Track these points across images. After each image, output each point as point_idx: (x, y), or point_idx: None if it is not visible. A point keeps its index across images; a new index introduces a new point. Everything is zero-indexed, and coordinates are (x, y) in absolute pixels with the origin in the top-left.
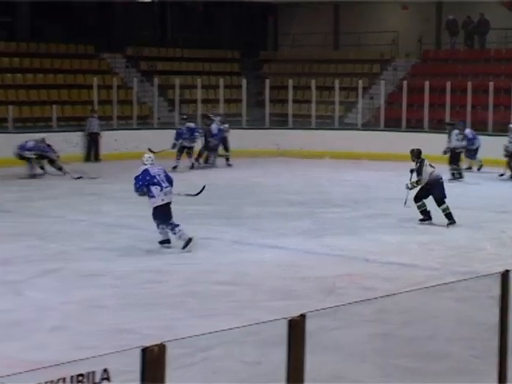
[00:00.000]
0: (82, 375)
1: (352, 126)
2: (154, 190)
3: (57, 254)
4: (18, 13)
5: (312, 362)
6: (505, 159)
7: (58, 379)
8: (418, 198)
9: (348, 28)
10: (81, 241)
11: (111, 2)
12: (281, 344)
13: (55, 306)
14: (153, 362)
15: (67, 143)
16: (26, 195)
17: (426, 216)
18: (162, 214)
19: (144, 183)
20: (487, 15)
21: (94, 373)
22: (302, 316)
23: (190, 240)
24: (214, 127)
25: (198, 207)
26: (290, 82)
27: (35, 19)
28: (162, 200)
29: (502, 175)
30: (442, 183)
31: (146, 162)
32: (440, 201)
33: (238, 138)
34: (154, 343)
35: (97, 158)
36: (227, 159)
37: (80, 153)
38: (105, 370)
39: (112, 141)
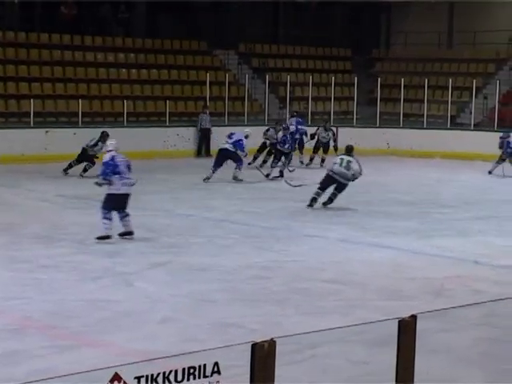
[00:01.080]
0: (193, 368)
1: (464, 127)
2: (114, 178)
3: (166, 247)
4: (134, 10)
5: (419, 364)
6: None
7: (170, 371)
8: None
9: (462, 26)
10: (190, 235)
11: None
12: (388, 344)
13: (165, 298)
14: (263, 357)
15: (180, 138)
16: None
17: None
18: (113, 203)
19: (111, 170)
20: None
21: (205, 366)
22: (413, 317)
23: (130, 233)
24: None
25: (302, 204)
26: (402, 81)
27: (151, 16)
28: (118, 190)
29: None
30: None
31: (111, 148)
32: None
33: (348, 136)
34: (263, 339)
35: (208, 153)
36: (322, 160)
37: (192, 148)
38: (215, 364)
39: (223, 137)
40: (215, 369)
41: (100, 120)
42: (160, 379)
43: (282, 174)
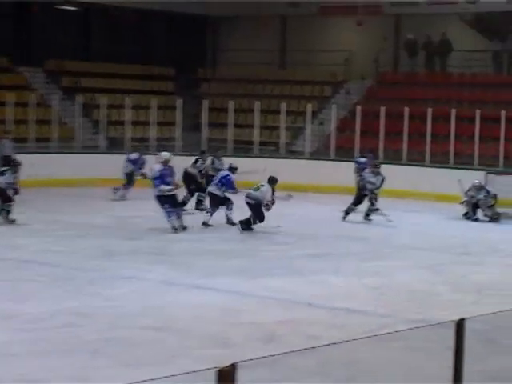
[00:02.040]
0: None
1: (299, 155)
2: None
3: None
4: None
5: None
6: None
7: None
8: None
9: (296, 45)
10: None
11: (29, 8)
12: None
13: None
14: None
15: None
16: None
17: None
18: None
19: None
20: (449, 35)
21: None
22: (233, 366)
23: None
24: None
25: (120, 242)
26: (231, 104)
27: None
28: None
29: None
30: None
31: None
32: None
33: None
34: None
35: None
36: None
37: None
38: None
39: (28, 165)
40: None
41: None
42: None
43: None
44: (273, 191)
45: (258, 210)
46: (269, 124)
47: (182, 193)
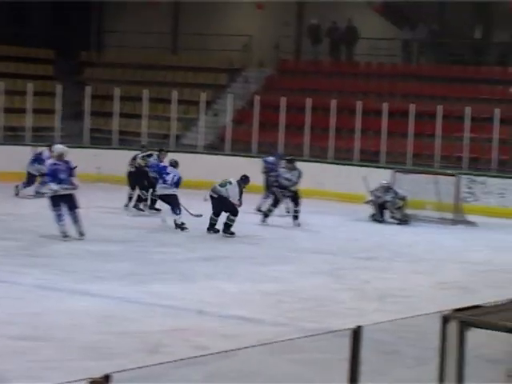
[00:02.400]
0: None
1: (191, 148)
2: None
3: None
4: None
5: None
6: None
7: None
8: None
9: (190, 28)
10: None
11: None
12: None
13: None
14: None
15: None
16: None
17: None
18: None
19: None
20: (356, 22)
21: None
22: (106, 377)
23: None
24: None
25: None
26: (117, 91)
27: None
28: None
29: (373, 215)
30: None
31: None
32: None
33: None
34: None
35: None
36: None
37: None
38: None
39: None
40: None
41: None
42: None
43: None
44: (241, 192)
45: (221, 204)
46: (159, 114)
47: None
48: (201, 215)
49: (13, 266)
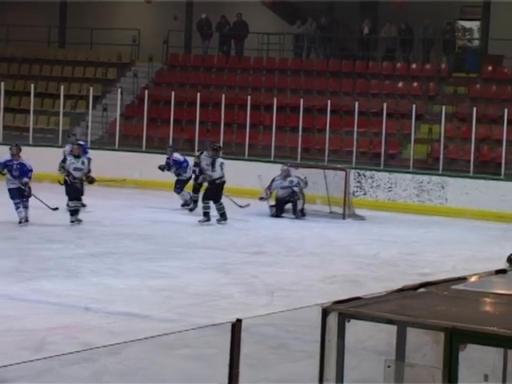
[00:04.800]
0: None
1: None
2: None
3: None
4: None
5: None
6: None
7: None
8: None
9: (78, 22)
10: None
11: None
12: None
13: None
14: None
15: None
16: None
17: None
18: None
19: None
20: (246, 16)
21: None
22: None
23: None
24: None
25: None
26: (2, 86)
27: None
28: None
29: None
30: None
31: None
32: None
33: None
34: None
35: None
36: None
37: None
38: None
39: None
40: None
41: None
42: None
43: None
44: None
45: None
46: (46, 109)
47: None
48: (248, 205)
49: None
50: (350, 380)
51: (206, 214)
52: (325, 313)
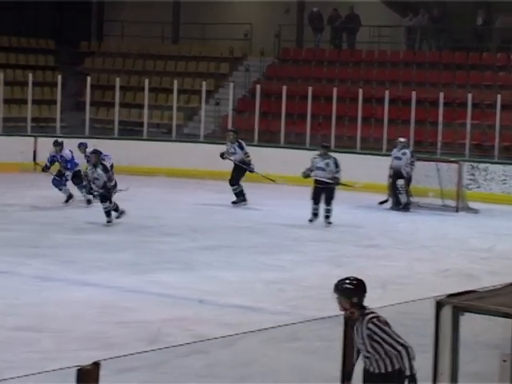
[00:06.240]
0: None
1: (193, 138)
2: None
3: None
4: None
5: None
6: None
7: None
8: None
9: (191, 18)
10: None
11: None
12: None
13: None
14: None
15: None
16: None
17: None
18: None
19: None
20: (358, 9)
21: None
22: (96, 364)
23: None
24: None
25: None
26: (118, 81)
27: None
28: None
29: (383, 202)
30: None
31: None
32: None
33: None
34: None
35: None
36: None
37: None
38: None
39: None
40: None
41: None
42: None
43: None
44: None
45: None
46: (160, 104)
47: None
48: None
49: (13, 257)
50: (464, 374)
51: (315, 215)
52: (439, 306)
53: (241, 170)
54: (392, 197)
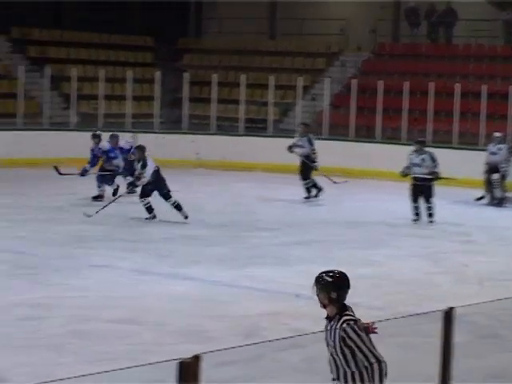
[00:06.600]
0: None
1: (289, 133)
2: None
3: None
4: None
5: None
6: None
7: None
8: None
9: (287, 13)
10: None
11: None
12: None
13: None
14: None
15: None
16: None
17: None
18: None
19: None
20: (454, 4)
21: None
22: (196, 358)
23: None
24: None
25: (91, 227)
26: (215, 78)
27: None
28: None
29: (480, 199)
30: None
31: None
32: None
33: (150, 144)
34: None
35: None
36: None
37: None
38: None
39: None
40: None
41: None
42: None
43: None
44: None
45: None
46: (256, 99)
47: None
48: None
49: (112, 251)
50: None
51: (417, 215)
52: None
53: (308, 164)
54: (488, 192)
